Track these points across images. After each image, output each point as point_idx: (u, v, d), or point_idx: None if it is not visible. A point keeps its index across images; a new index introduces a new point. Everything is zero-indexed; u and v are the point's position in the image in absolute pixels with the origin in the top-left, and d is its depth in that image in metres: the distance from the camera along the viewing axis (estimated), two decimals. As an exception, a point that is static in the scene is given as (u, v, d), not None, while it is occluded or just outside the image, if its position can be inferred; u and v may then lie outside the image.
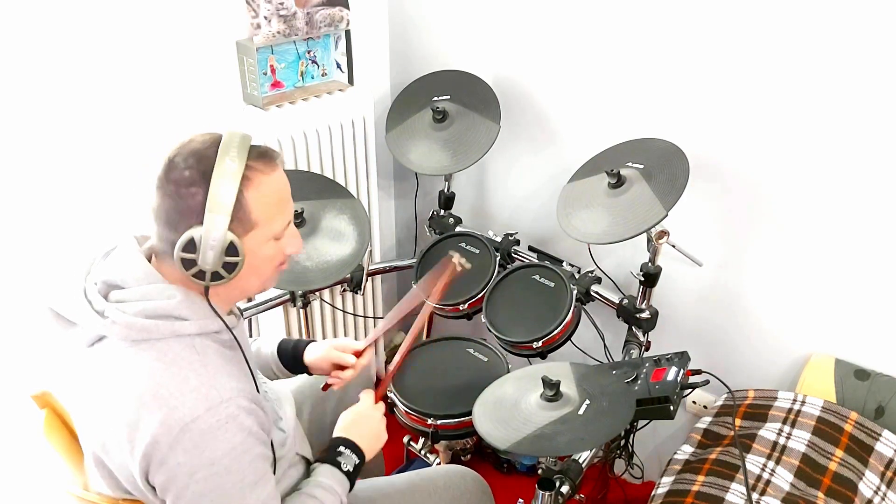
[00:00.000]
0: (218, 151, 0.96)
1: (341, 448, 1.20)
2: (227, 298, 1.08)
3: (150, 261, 1.04)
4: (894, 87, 1.34)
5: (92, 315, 0.99)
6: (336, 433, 1.24)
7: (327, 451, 1.21)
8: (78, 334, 1.02)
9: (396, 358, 1.40)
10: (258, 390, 1.07)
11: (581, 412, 1.27)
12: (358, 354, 1.34)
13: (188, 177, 0.95)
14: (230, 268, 1.00)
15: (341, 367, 1.34)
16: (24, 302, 1.53)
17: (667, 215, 1.43)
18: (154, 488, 0.98)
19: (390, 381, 1.52)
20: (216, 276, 0.99)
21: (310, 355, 1.36)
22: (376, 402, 1.31)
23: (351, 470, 1.18)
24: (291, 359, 1.37)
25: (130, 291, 1.00)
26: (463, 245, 1.88)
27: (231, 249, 0.98)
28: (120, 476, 1.02)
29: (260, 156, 1.00)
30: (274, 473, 1.07)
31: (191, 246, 0.96)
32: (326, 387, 1.37)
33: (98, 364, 1.00)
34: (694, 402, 1.84)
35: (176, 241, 0.97)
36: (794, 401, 1.50)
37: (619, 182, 1.53)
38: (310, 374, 1.39)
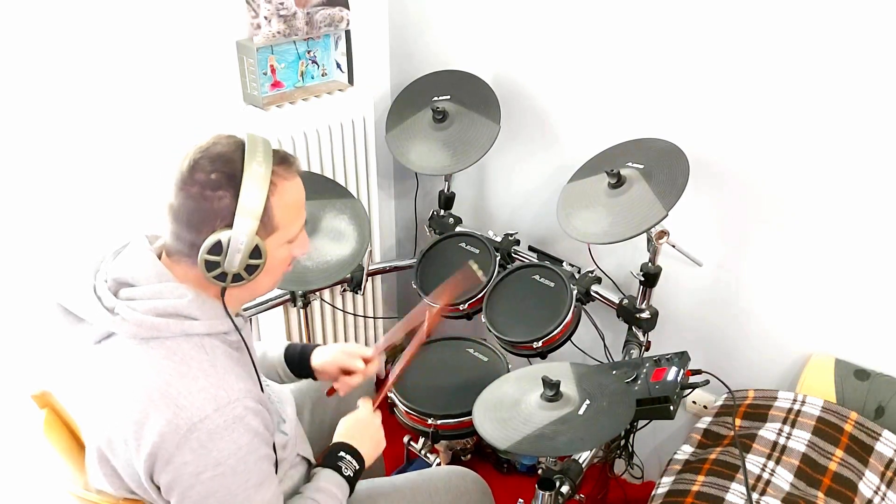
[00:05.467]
0: (245, 156, 0.97)
1: (342, 453, 1.20)
2: (238, 300, 1.09)
3: (159, 259, 1.04)
4: (893, 87, 1.34)
5: (102, 312, 0.99)
6: (336, 438, 1.24)
7: (328, 455, 1.21)
8: (85, 331, 1.02)
9: (397, 368, 1.40)
10: (262, 392, 1.07)
11: (581, 412, 1.27)
12: (367, 361, 1.34)
13: (215, 180, 0.96)
14: (251, 270, 1.01)
15: (348, 372, 1.34)
16: (28, 299, 1.53)
17: (667, 215, 1.43)
18: (158, 487, 0.98)
19: (390, 388, 1.51)
20: (236, 278, 1.01)
21: (318, 358, 1.36)
22: (375, 408, 1.31)
23: (351, 475, 1.18)
24: (298, 363, 1.37)
25: (142, 290, 1.00)
26: (463, 245, 1.88)
27: (255, 252, 0.99)
28: (124, 474, 1.02)
29: (282, 161, 1.01)
30: (276, 474, 1.07)
31: (217, 248, 0.97)
32: (331, 392, 1.37)
33: (106, 361, 1.00)
34: (694, 402, 1.84)
35: (196, 242, 0.97)
36: (794, 401, 1.50)
37: (619, 182, 1.53)
38: (315, 379, 1.38)
